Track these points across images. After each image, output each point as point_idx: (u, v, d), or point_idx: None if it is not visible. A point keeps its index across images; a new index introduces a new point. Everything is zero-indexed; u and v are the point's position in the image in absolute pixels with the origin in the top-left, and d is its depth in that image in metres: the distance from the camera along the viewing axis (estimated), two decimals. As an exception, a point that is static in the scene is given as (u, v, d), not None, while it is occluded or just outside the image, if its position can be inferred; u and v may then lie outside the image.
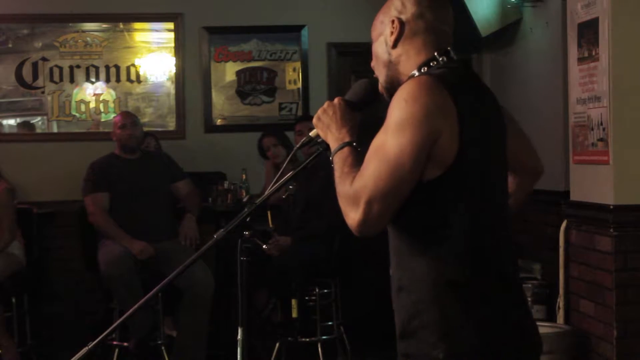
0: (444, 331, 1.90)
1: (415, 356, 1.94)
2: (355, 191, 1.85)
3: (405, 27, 2.03)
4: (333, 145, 2.00)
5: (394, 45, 2.04)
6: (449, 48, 2.03)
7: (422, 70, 2.00)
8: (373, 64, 2.11)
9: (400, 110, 1.86)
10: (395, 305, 2.00)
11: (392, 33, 2.03)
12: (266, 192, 1.99)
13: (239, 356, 1.87)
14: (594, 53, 4.22)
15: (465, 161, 1.90)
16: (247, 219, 1.93)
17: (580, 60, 4.35)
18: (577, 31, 4.38)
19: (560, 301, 4.77)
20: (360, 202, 1.84)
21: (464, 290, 1.91)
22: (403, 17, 2.03)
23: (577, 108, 4.40)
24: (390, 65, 2.05)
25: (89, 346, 1.93)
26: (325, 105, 2.05)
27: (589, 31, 4.26)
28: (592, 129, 4.24)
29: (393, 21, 2.03)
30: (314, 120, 2.05)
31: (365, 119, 2.10)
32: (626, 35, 4.09)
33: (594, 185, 4.26)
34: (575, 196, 4.49)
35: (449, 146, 1.88)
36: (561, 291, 4.78)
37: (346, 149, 1.96)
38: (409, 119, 1.84)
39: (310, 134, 2.07)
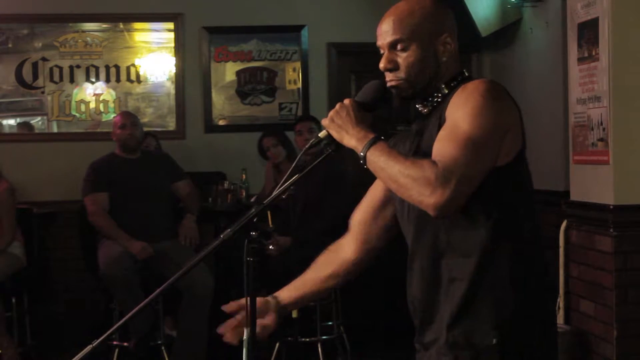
0: (499, 319, 1.96)
1: (466, 345, 1.98)
2: (445, 170, 1.86)
3: (453, 40, 2.11)
4: (354, 144, 1.99)
5: (445, 57, 2.09)
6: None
7: (459, 80, 2.10)
8: (387, 66, 2.08)
9: (480, 97, 1.95)
10: (443, 297, 2.02)
11: (446, 44, 2.09)
12: (274, 193, 1.99)
13: (244, 356, 1.88)
14: (594, 53, 4.22)
15: (524, 155, 2.04)
16: (254, 219, 1.93)
17: (580, 60, 4.36)
18: (577, 31, 4.39)
19: (560, 301, 4.77)
20: (451, 181, 1.85)
21: (525, 280, 1.99)
22: (449, 30, 2.10)
23: (577, 108, 4.41)
24: (431, 73, 2.08)
25: (94, 344, 1.92)
26: (338, 107, 2.05)
27: (589, 31, 4.27)
28: (592, 129, 4.25)
29: (445, 34, 2.09)
30: (326, 122, 2.04)
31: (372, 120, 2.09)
32: (626, 35, 4.10)
33: (594, 185, 4.26)
34: (575, 196, 4.50)
35: (516, 139, 2.01)
36: (561, 291, 4.78)
37: (381, 143, 1.97)
38: (489, 106, 1.94)
39: (319, 135, 2.06)
